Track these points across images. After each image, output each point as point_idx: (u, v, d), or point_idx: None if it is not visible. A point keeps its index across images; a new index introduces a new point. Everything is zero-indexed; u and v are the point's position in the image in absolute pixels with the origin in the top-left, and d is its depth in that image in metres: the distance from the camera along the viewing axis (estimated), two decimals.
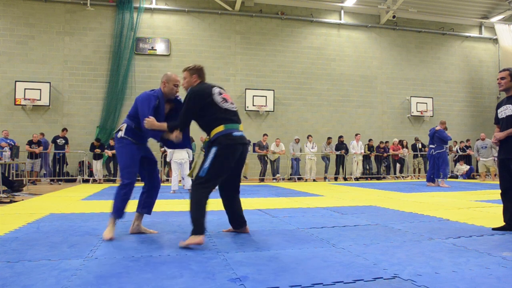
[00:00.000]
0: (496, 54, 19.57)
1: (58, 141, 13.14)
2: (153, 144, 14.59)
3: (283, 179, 14.80)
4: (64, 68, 14.84)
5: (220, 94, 3.75)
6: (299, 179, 14.59)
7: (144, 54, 15.48)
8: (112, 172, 13.73)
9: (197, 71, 3.88)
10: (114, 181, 13.52)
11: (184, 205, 6.74)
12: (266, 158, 14.59)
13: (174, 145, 3.95)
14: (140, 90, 15.13)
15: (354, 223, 4.70)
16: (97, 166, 13.54)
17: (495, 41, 19.38)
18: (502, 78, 4.23)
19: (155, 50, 15.57)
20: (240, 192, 4.12)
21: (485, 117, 19.22)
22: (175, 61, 15.71)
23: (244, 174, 14.40)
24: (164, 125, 3.74)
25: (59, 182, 12.96)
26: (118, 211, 3.83)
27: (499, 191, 4.25)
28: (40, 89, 14.23)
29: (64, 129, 13.43)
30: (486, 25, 19.34)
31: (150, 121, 3.68)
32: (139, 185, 4.03)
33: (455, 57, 19.03)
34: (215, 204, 6.90)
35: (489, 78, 19.49)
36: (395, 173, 15.98)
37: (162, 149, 13.30)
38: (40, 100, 14.22)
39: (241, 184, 4.67)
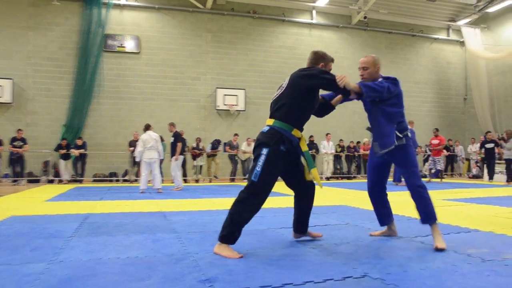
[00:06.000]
0: (463, 57, 20.17)
1: (15, 143, 12.58)
2: (120, 144, 14.28)
3: None
4: (28, 64, 14.38)
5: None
6: None
7: (113, 52, 15.19)
8: (80, 172, 13.43)
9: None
10: (81, 181, 13.23)
11: (153, 205, 6.66)
12: (236, 158, 14.58)
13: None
14: (109, 88, 14.90)
15: (324, 223, 4.75)
16: (65, 166, 13.21)
17: (462, 43, 19.94)
18: None
19: (124, 47, 15.30)
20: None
21: (452, 117, 19.81)
22: (145, 59, 15.50)
23: (214, 173, 14.40)
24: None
25: (21, 183, 12.54)
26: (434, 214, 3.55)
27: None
28: (2, 86, 13.75)
29: (19, 130, 12.85)
30: (454, 28, 19.90)
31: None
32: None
33: (424, 58, 19.52)
34: (185, 205, 6.85)
35: (456, 79, 20.09)
36: (365, 173, 16.23)
37: (131, 148, 13.10)
38: (1, 97, 13.73)
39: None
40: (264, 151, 3.28)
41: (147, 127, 9.62)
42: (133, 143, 13.05)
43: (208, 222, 4.82)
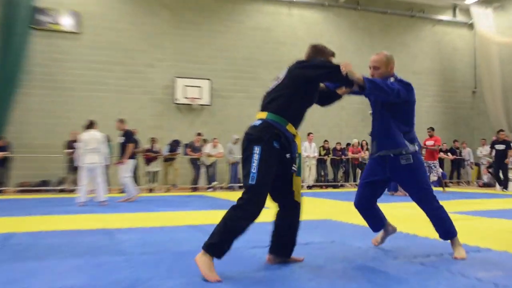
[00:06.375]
0: (472, 41, 20.58)
1: None
2: (54, 145, 14.01)
3: (221, 187, 14.80)
4: None
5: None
6: (241, 187, 14.60)
7: (45, 30, 14.92)
8: (1, 180, 13.10)
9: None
10: (1, 192, 12.90)
11: (95, 221, 6.56)
12: (199, 163, 14.51)
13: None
14: (40, 76, 14.61)
15: (305, 241, 4.76)
16: None
17: (471, 26, 20.37)
18: None
19: (60, 25, 15.05)
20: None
21: (459, 114, 20.17)
22: (87, 40, 15.30)
23: (172, 181, 14.30)
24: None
25: None
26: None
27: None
28: None
29: None
30: (461, 8, 20.31)
31: None
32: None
33: (425, 43, 19.87)
34: (136, 220, 6.77)
35: (464, 68, 20.49)
36: (354, 180, 16.37)
37: (69, 151, 12.90)
38: None
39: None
40: (256, 149, 3.32)
41: (90, 125, 9.51)
42: (71, 145, 12.84)
43: (164, 241, 4.78)
